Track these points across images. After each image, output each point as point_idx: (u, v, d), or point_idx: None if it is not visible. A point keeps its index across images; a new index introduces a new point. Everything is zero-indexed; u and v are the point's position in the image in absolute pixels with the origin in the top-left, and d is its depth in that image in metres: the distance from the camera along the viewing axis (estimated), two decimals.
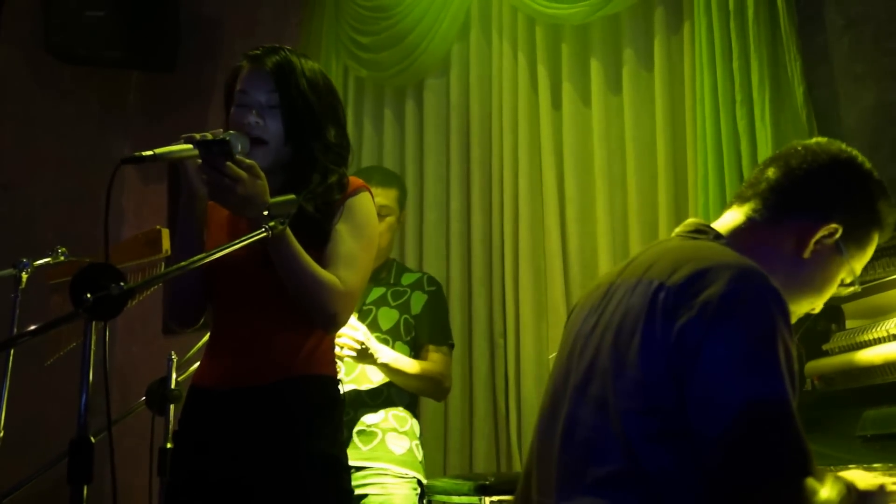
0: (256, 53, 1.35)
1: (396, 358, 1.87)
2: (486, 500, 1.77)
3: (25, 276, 1.82)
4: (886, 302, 1.49)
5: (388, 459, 1.87)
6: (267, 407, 1.27)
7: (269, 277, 1.27)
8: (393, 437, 1.90)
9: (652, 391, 0.88)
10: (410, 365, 1.89)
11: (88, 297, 0.88)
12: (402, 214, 2.09)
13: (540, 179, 2.45)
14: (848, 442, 1.35)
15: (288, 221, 1.17)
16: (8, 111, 3.29)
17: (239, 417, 1.28)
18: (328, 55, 2.79)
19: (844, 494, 0.88)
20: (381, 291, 2.00)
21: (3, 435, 1.75)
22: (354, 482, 1.84)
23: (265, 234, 1.14)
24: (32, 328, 0.97)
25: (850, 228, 1.01)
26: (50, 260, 1.89)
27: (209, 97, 3.35)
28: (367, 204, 1.36)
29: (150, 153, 1.15)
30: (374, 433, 1.88)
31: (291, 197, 1.19)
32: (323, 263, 1.29)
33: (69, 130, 3.40)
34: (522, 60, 2.50)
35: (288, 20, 3.12)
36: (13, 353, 1.75)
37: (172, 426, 1.47)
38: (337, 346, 1.67)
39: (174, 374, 1.47)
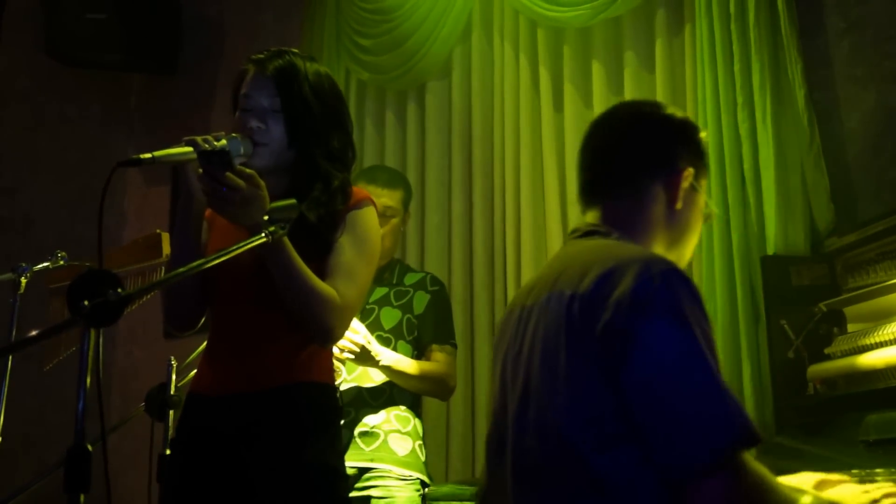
0: (260, 58, 1.35)
1: (398, 360, 1.86)
2: None
3: (24, 280, 1.82)
4: (888, 305, 1.49)
5: (390, 461, 1.86)
6: (262, 414, 1.27)
7: (267, 284, 1.26)
8: (395, 437, 1.89)
9: (590, 400, 0.90)
10: (413, 366, 1.88)
11: (86, 303, 0.87)
12: (406, 214, 2.08)
13: (542, 182, 2.45)
14: (851, 446, 1.34)
15: (288, 227, 1.16)
16: (9, 114, 3.30)
17: (234, 424, 1.27)
18: (330, 58, 2.79)
19: None
20: (383, 291, 1.99)
21: (1, 441, 1.74)
22: (358, 484, 1.84)
23: (265, 239, 1.14)
24: (31, 335, 0.96)
25: (695, 166, 1.08)
26: (49, 264, 1.88)
27: (211, 99, 3.36)
28: (370, 218, 1.35)
29: (148, 156, 1.15)
30: (376, 434, 1.88)
31: (292, 202, 1.18)
32: (323, 275, 1.28)
33: (70, 133, 3.40)
34: (524, 62, 2.50)
35: (289, 22, 3.12)
36: (12, 357, 1.75)
37: (171, 432, 1.47)
38: (337, 348, 1.66)
39: (174, 379, 1.46)
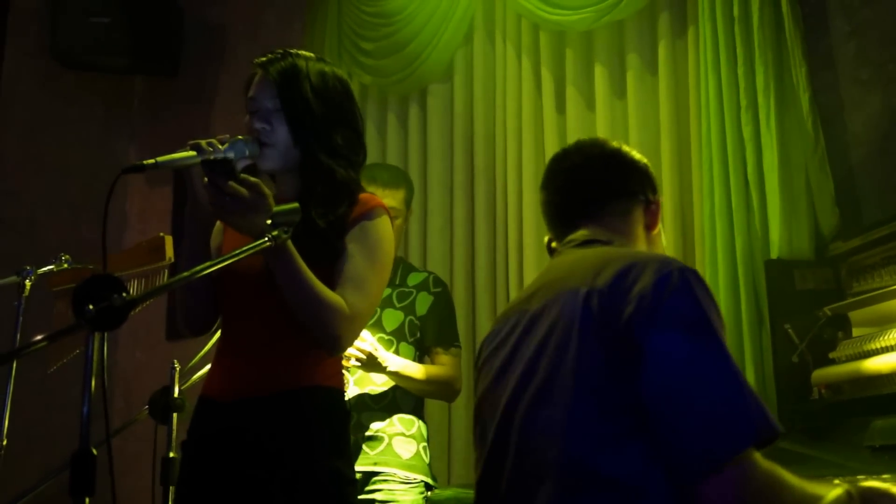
0: (263, 60, 1.37)
1: (405, 365, 1.86)
2: None
3: (29, 283, 1.83)
4: (894, 310, 1.48)
5: (395, 464, 1.86)
6: (271, 418, 1.27)
7: (275, 287, 1.26)
8: (400, 441, 1.89)
9: (597, 394, 0.90)
10: (420, 371, 1.88)
11: (91, 308, 0.87)
12: (409, 212, 2.07)
13: None
14: (856, 451, 1.33)
15: (291, 230, 1.16)
16: (13, 117, 3.31)
17: (243, 429, 1.27)
18: (332, 61, 2.76)
19: (843, 499, 0.89)
20: (386, 292, 1.98)
21: (6, 444, 1.74)
22: (363, 488, 1.84)
23: (268, 243, 1.14)
24: (36, 339, 0.96)
25: (654, 191, 1.17)
26: (53, 267, 1.89)
27: (213, 101, 3.36)
28: (384, 227, 1.35)
29: (151, 161, 1.15)
30: (381, 438, 1.88)
31: (295, 206, 1.18)
32: (332, 282, 1.28)
33: (74, 136, 3.41)
34: (526, 65, 2.49)
35: (291, 25, 3.12)
36: (16, 361, 1.75)
37: (176, 434, 1.47)
38: (344, 356, 1.66)
39: (177, 382, 1.46)
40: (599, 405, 0.90)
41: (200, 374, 1.70)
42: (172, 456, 1.42)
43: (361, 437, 1.87)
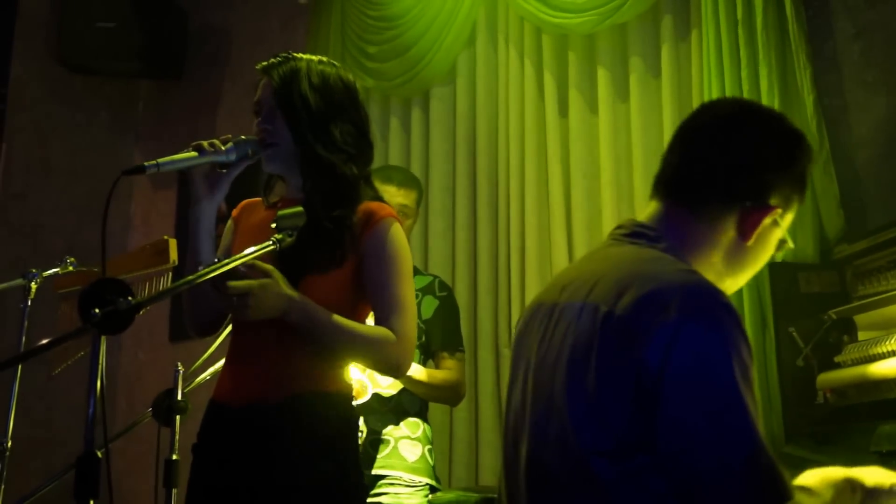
0: (265, 64, 1.39)
1: (413, 370, 1.86)
2: None
3: (34, 286, 1.84)
4: None
5: (401, 467, 1.87)
6: (280, 424, 1.27)
7: None
8: (405, 444, 1.89)
9: (616, 427, 0.84)
10: (426, 375, 1.89)
11: (97, 311, 0.88)
12: (416, 213, 2.10)
13: (546, 188, 2.44)
14: (862, 456, 1.32)
15: (295, 234, 1.17)
16: (20, 121, 3.33)
17: (252, 434, 1.27)
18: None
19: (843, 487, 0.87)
20: None
21: (10, 446, 1.75)
22: (370, 492, 1.84)
23: (273, 246, 1.14)
24: (41, 343, 0.97)
25: (786, 203, 0.96)
26: (59, 270, 1.90)
27: (218, 104, 3.38)
28: (401, 238, 1.34)
29: (152, 163, 1.15)
30: (386, 441, 1.88)
31: (299, 209, 1.19)
32: (342, 289, 1.28)
33: (79, 139, 3.43)
34: (529, 68, 2.49)
35: (294, 29, 3.13)
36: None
37: (179, 437, 1.47)
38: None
39: (180, 385, 1.47)
40: (616, 436, 0.84)
41: (203, 376, 1.70)
42: (175, 458, 1.43)
43: (368, 440, 1.87)
